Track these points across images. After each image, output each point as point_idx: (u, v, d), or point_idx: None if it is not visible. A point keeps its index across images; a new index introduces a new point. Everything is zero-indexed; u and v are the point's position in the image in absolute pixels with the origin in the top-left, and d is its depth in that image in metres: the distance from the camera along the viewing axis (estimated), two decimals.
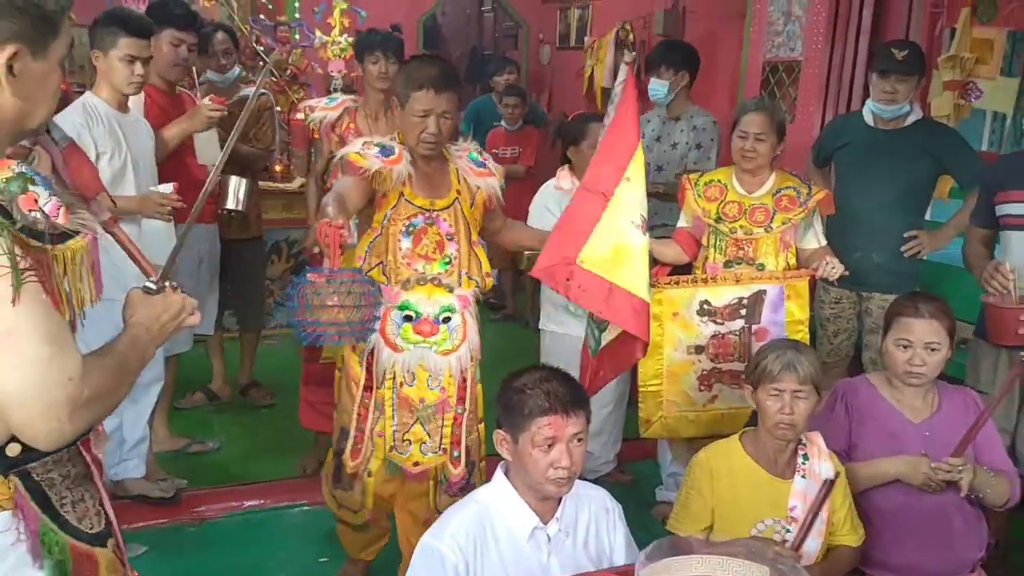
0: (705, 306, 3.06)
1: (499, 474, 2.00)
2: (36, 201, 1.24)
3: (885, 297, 3.47)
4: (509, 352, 4.09)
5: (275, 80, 5.77)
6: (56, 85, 1.36)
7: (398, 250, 2.58)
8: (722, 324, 3.10)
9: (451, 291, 2.61)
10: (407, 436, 2.65)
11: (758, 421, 2.37)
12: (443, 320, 2.59)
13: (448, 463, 2.69)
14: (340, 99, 3.80)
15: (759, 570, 0.56)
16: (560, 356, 3.12)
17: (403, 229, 2.58)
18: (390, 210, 2.56)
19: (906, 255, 3.53)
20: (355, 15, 5.95)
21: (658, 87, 4.13)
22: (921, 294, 2.57)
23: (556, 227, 2.65)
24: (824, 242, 3.24)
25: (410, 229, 2.58)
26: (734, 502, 2.28)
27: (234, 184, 3.92)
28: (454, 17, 9.61)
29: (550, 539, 1.94)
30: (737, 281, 3.08)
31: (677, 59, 4.15)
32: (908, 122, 3.53)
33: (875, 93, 3.48)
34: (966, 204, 3.57)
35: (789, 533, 2.21)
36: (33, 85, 1.30)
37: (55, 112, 1.48)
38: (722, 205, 3.19)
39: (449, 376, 2.63)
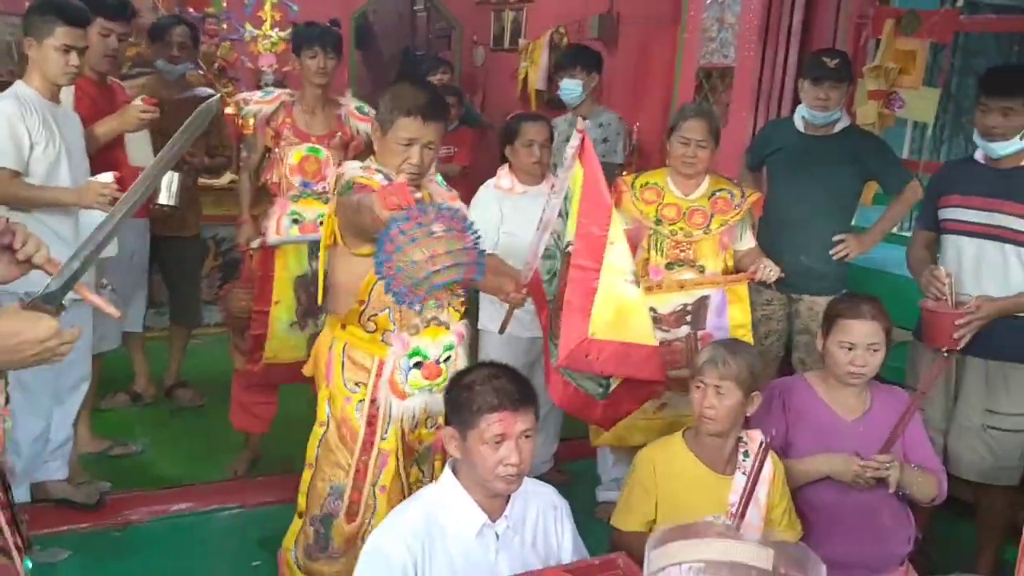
0: (652, 314, 3.07)
1: (447, 472, 1.98)
2: None
3: (814, 299, 3.57)
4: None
5: (202, 73, 5.64)
6: None
7: None
8: (668, 332, 3.13)
9: (448, 328, 2.46)
10: (409, 481, 2.51)
11: None
12: (444, 360, 2.44)
13: None
14: (275, 93, 3.73)
15: (764, 552, 0.56)
16: (500, 357, 3.11)
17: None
18: None
19: (834, 258, 3.61)
20: (286, 9, 5.87)
21: (573, 86, 4.35)
22: (860, 296, 2.64)
23: (564, 313, 2.55)
24: (754, 243, 3.31)
25: None
26: (676, 497, 2.31)
27: (167, 179, 3.80)
28: (386, 16, 9.51)
29: (498, 537, 1.93)
30: (681, 288, 3.11)
31: (590, 61, 4.43)
32: (837, 129, 3.62)
33: (808, 100, 3.56)
34: (890, 209, 3.69)
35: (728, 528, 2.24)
36: None
37: None
38: (660, 208, 3.22)
39: (445, 415, 2.38)
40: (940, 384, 3.12)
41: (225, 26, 6.06)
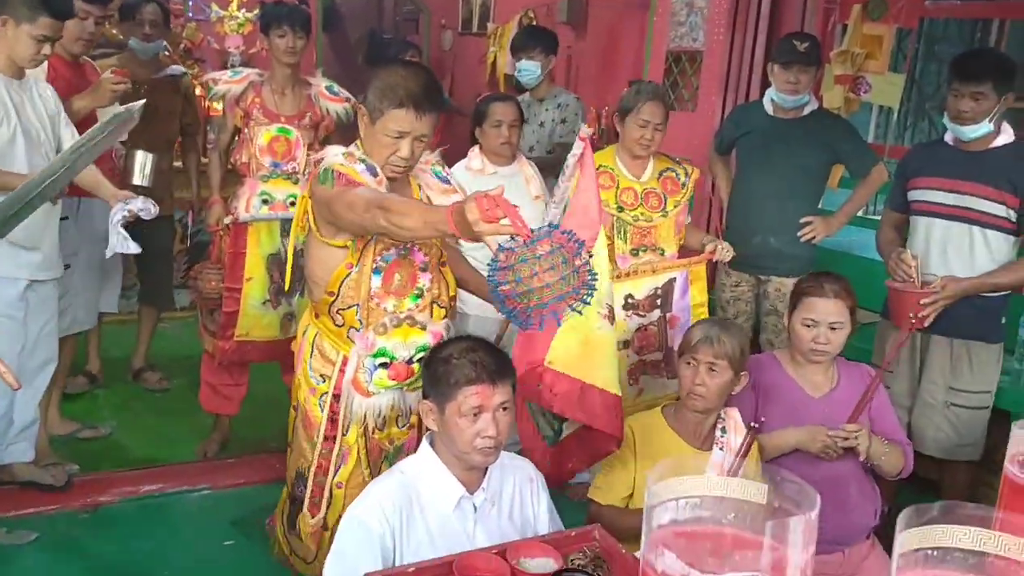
0: (629, 300, 3.08)
1: (424, 445, 1.99)
2: None
3: (782, 280, 3.62)
4: None
5: (168, 55, 5.56)
6: None
7: (369, 289, 2.27)
8: (644, 316, 3.14)
9: (424, 328, 2.32)
10: None
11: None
12: (417, 361, 2.30)
13: None
14: (244, 73, 3.70)
15: (759, 487, 0.58)
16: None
17: (373, 266, 2.27)
18: (371, 240, 2.24)
19: (802, 240, 3.66)
20: None
21: (532, 67, 4.33)
22: (826, 274, 2.67)
23: (521, 331, 2.32)
24: (689, 219, 3.41)
25: (380, 265, 2.27)
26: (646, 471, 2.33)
27: (140, 160, 3.77)
28: None
29: (476, 509, 1.95)
30: (654, 272, 3.12)
31: (547, 42, 4.41)
32: (805, 112, 3.67)
33: (778, 84, 3.60)
34: (857, 192, 3.74)
35: None
36: None
37: None
38: (618, 193, 3.21)
39: (418, 414, 2.36)
40: (905, 362, 3.18)
41: (191, 6, 5.97)
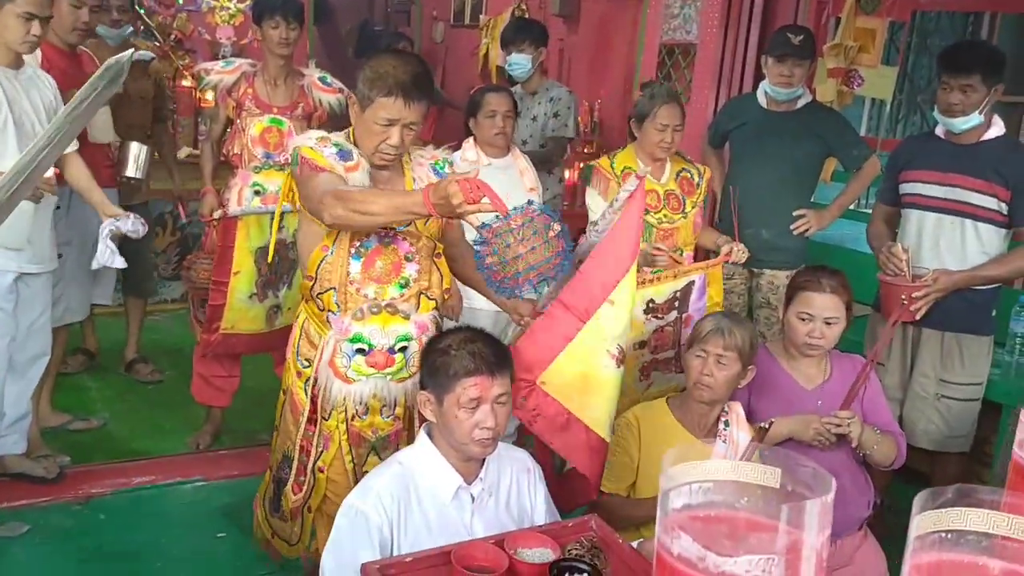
0: (650, 304, 3.04)
1: (422, 435, 1.99)
2: None
3: (774, 273, 3.63)
4: None
5: (158, 45, 5.54)
6: None
7: (347, 274, 2.28)
8: (662, 319, 3.12)
9: (407, 318, 2.31)
10: (364, 468, 2.35)
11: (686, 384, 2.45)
12: (399, 350, 2.30)
13: None
14: (237, 63, 3.68)
15: (771, 471, 0.58)
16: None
17: (352, 251, 2.27)
18: None
19: (794, 233, 3.67)
20: None
21: (523, 60, 4.32)
22: (823, 269, 2.67)
23: (525, 337, 2.35)
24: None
25: (360, 251, 2.27)
26: (657, 461, 2.32)
27: (134, 151, 3.76)
28: None
29: (473, 499, 1.95)
30: (675, 277, 3.11)
31: (537, 35, 4.41)
32: (799, 105, 3.67)
33: (772, 77, 3.60)
34: (850, 185, 3.75)
35: None
36: None
37: None
38: (663, 197, 3.18)
39: (404, 404, 2.37)
40: (897, 355, 3.20)
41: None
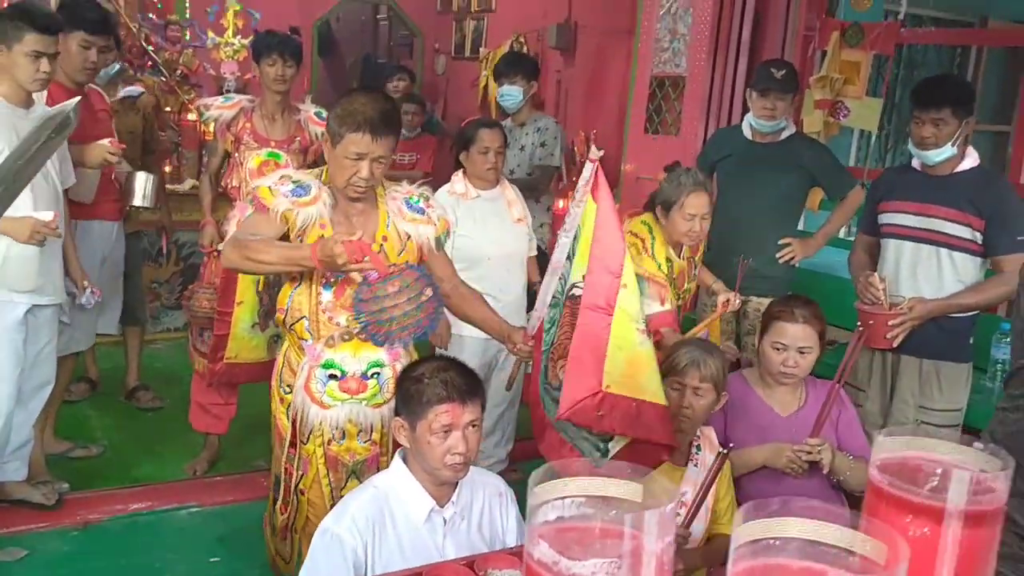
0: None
1: (397, 460, 2.06)
2: None
3: (761, 300, 3.69)
4: None
5: (164, 80, 5.68)
6: None
7: (318, 303, 2.39)
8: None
9: (380, 345, 2.41)
10: (343, 492, 2.41)
11: None
12: (371, 376, 2.42)
13: None
14: (236, 98, 3.81)
15: (634, 487, 0.63)
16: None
17: (323, 280, 2.38)
18: None
19: (780, 261, 3.74)
20: (249, 17, 5.92)
21: (514, 92, 4.44)
22: (796, 298, 2.74)
23: (571, 362, 2.39)
24: None
25: (332, 281, 2.37)
26: None
27: (141, 180, 3.86)
28: (349, 24, 9.57)
29: (446, 522, 2.02)
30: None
31: (529, 69, 4.55)
32: (783, 136, 3.76)
33: (755, 109, 3.70)
34: (834, 215, 3.83)
35: (679, 517, 2.34)
36: None
37: None
38: (674, 280, 3.15)
39: (381, 430, 2.47)
40: (877, 381, 3.26)
41: (189, 33, 6.10)
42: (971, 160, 3.10)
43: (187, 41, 6.06)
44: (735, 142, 3.87)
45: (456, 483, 2.03)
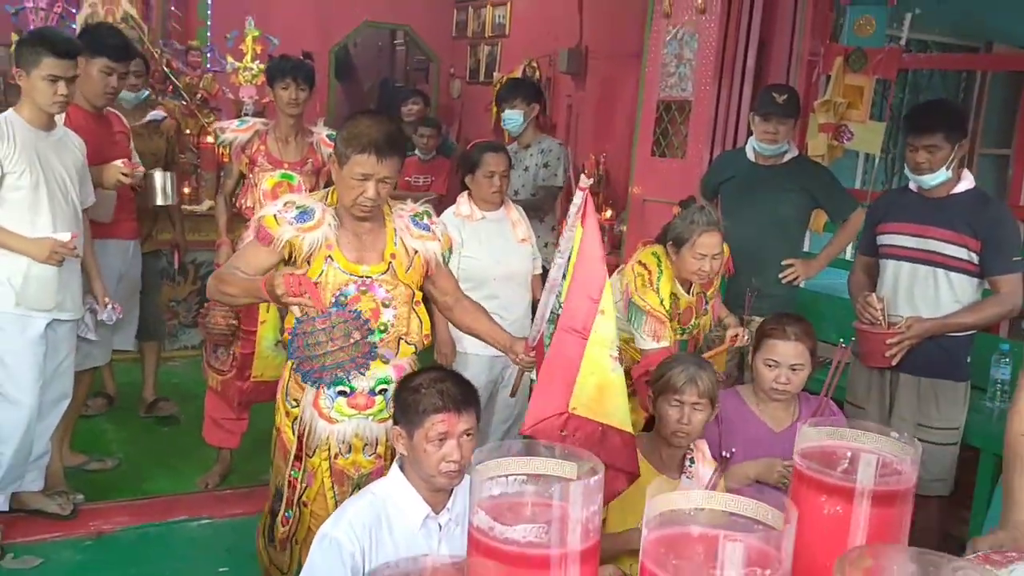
0: None
1: (394, 468, 2.13)
2: None
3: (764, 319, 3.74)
4: None
5: (185, 103, 5.83)
6: None
7: None
8: None
9: (387, 362, 2.49)
10: None
11: (655, 427, 2.56)
12: (379, 392, 2.49)
13: None
14: (250, 122, 3.93)
15: (569, 465, 0.69)
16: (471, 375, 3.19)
17: (333, 300, 2.41)
18: (319, 277, 2.41)
19: (783, 281, 3.80)
20: (267, 42, 6.06)
21: (515, 116, 4.59)
22: (788, 316, 2.79)
23: (541, 376, 2.41)
24: None
25: (341, 299, 2.41)
26: (624, 499, 2.44)
27: (160, 180, 3.97)
28: (367, 49, 9.75)
29: (441, 528, 2.08)
30: None
31: (529, 93, 4.69)
32: (786, 159, 3.83)
33: (758, 133, 3.77)
34: (837, 236, 3.89)
35: None
36: None
37: None
38: (680, 316, 3.20)
39: (386, 443, 2.51)
40: (876, 398, 3.30)
41: (209, 59, 6.26)
42: (967, 182, 3.15)
43: (207, 66, 6.23)
44: (739, 164, 3.94)
45: (451, 490, 2.10)
